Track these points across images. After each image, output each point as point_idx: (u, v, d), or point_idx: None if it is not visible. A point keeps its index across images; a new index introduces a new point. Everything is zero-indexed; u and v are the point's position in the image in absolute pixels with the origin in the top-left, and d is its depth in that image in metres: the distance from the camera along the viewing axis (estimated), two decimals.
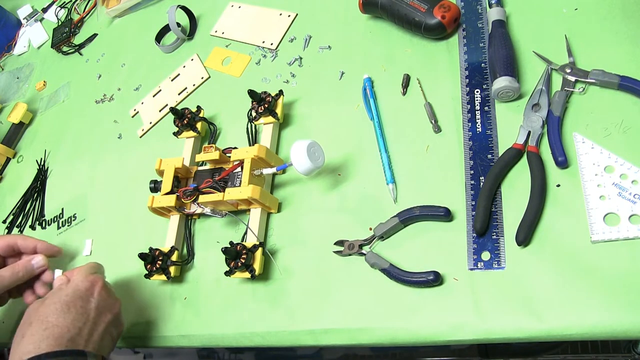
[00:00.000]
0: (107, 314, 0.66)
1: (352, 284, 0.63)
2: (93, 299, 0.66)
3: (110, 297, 0.68)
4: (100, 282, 0.69)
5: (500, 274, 0.56)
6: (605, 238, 0.53)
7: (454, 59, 0.72)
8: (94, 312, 0.65)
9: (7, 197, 1.04)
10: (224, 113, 0.87)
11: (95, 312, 0.65)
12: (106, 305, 0.67)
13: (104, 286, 0.68)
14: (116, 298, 0.70)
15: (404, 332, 0.58)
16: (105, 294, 0.68)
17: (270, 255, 0.69)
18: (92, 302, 0.65)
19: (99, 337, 0.64)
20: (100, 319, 0.65)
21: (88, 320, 0.63)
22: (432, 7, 0.72)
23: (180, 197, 0.73)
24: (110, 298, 0.68)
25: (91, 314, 0.64)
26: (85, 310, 0.64)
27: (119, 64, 1.08)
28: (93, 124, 1.02)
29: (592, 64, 0.63)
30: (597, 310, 0.51)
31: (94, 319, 0.64)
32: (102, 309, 0.66)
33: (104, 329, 0.65)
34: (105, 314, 0.66)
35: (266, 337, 0.65)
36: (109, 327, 0.66)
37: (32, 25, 1.33)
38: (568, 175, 0.58)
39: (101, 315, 0.65)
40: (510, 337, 0.54)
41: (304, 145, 0.65)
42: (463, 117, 0.67)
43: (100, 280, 0.69)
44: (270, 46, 0.90)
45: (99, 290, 0.67)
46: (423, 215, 0.62)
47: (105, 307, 0.66)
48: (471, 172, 0.63)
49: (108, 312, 0.66)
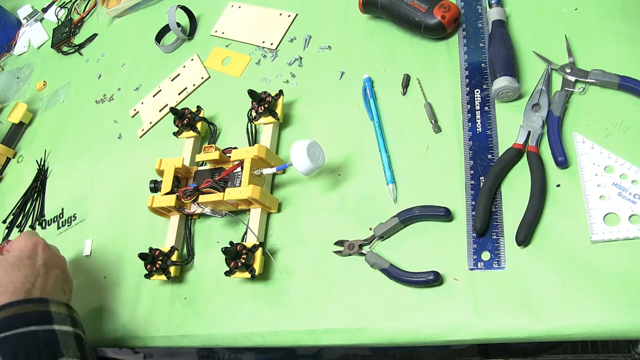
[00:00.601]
0: (56, 269, 0.70)
1: (352, 284, 0.63)
2: (39, 257, 0.69)
3: (54, 254, 0.72)
4: (42, 242, 0.72)
5: (500, 274, 0.56)
6: (605, 238, 0.53)
7: (454, 59, 0.72)
8: (43, 269, 0.68)
9: (7, 197, 1.04)
10: (224, 113, 0.87)
11: (44, 269, 0.68)
12: (53, 261, 0.70)
13: (46, 245, 0.72)
14: (60, 255, 0.74)
15: (404, 332, 0.58)
16: (49, 252, 0.71)
17: (270, 255, 0.69)
18: (38, 260, 0.69)
19: (53, 290, 0.67)
20: (50, 274, 0.68)
21: (39, 275, 0.67)
22: (432, 7, 0.72)
23: (180, 197, 0.73)
24: (55, 255, 0.72)
25: (40, 270, 0.67)
26: (34, 267, 0.67)
27: (119, 64, 1.08)
28: (93, 124, 1.02)
29: (592, 64, 0.63)
30: (597, 310, 0.51)
31: (44, 274, 0.67)
32: (50, 264, 0.69)
33: (55, 283, 0.68)
34: (54, 269, 0.69)
35: (266, 337, 0.65)
36: (59, 281, 0.69)
37: (32, 25, 1.34)
38: (568, 175, 0.58)
39: (50, 270, 0.68)
40: (510, 337, 0.54)
41: (304, 145, 0.65)
42: (463, 117, 0.67)
43: (42, 241, 0.72)
44: (270, 46, 0.90)
45: (43, 249, 0.71)
46: (423, 215, 0.62)
47: (53, 263, 0.70)
48: (471, 172, 0.63)
49: (56, 268, 0.70)
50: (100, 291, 0.81)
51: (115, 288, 0.80)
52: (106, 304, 0.79)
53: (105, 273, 0.82)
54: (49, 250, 0.72)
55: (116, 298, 0.79)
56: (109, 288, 0.81)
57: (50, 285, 0.67)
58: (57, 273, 0.70)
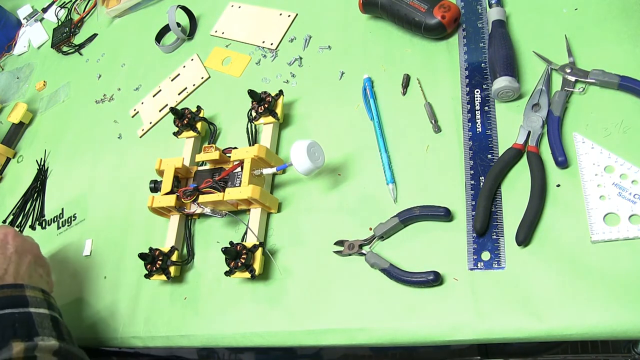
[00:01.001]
0: (28, 255, 0.71)
1: (352, 284, 0.63)
2: (10, 245, 0.70)
3: (25, 241, 0.74)
4: (12, 231, 0.73)
5: (500, 274, 0.56)
6: (605, 238, 0.53)
7: (454, 59, 0.72)
8: (15, 256, 0.69)
9: (7, 197, 1.04)
10: (224, 113, 0.87)
11: (16, 256, 0.69)
12: (24, 247, 0.72)
13: (16, 233, 0.73)
14: (32, 242, 0.75)
15: (404, 332, 0.58)
16: (20, 239, 0.73)
17: (270, 255, 0.69)
18: (9, 248, 0.70)
19: (27, 275, 0.68)
20: (22, 260, 0.70)
21: (11, 261, 0.68)
22: (432, 7, 0.72)
23: (180, 197, 0.73)
24: (26, 242, 0.74)
25: (12, 257, 0.69)
26: (6, 255, 0.69)
27: (119, 64, 1.08)
28: (93, 124, 1.03)
29: (592, 64, 0.63)
30: (597, 310, 0.51)
31: (17, 260, 0.69)
32: (22, 251, 0.71)
33: (29, 268, 0.69)
34: (26, 254, 0.71)
35: (266, 337, 0.65)
36: (34, 266, 0.71)
37: (32, 25, 1.34)
38: (568, 175, 0.58)
39: (22, 257, 0.70)
40: (510, 337, 0.54)
41: (304, 145, 0.65)
42: (463, 117, 0.67)
43: (12, 230, 0.73)
44: (270, 46, 0.90)
45: (13, 237, 0.72)
46: (423, 215, 0.62)
47: (24, 250, 0.71)
48: (471, 172, 0.63)
49: (28, 254, 0.71)
50: (100, 291, 0.81)
51: (115, 288, 0.80)
52: (106, 304, 0.79)
53: (105, 273, 0.82)
54: (20, 237, 0.73)
55: (116, 298, 0.79)
56: (109, 288, 0.81)
57: (24, 270, 0.69)
58: (30, 259, 0.71)
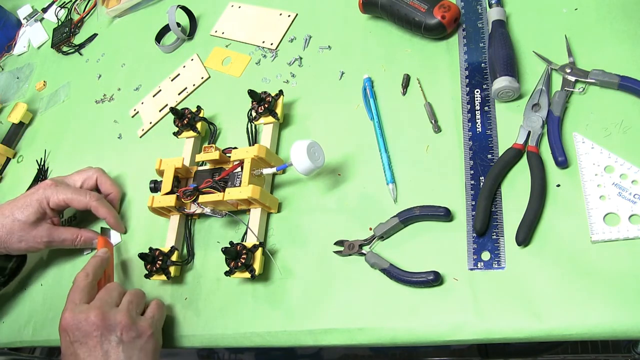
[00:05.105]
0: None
1: (352, 284, 0.63)
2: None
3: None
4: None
5: (500, 274, 0.56)
6: (605, 238, 0.53)
7: (454, 59, 0.72)
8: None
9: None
10: (224, 113, 0.87)
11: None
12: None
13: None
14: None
15: (404, 332, 0.58)
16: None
17: (270, 255, 0.69)
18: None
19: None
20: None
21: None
22: (432, 7, 0.72)
23: (180, 197, 0.73)
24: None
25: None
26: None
27: (119, 64, 1.08)
28: (93, 124, 1.02)
29: (592, 64, 0.63)
30: (597, 310, 0.51)
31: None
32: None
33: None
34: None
35: (266, 337, 0.65)
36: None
37: (32, 25, 1.33)
38: (568, 175, 0.58)
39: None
40: (510, 337, 0.54)
41: (304, 145, 0.65)
42: (463, 117, 0.67)
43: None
44: (270, 46, 0.90)
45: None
46: (423, 215, 0.62)
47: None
48: (471, 172, 0.63)
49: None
50: None
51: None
52: None
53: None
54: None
55: None
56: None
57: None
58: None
